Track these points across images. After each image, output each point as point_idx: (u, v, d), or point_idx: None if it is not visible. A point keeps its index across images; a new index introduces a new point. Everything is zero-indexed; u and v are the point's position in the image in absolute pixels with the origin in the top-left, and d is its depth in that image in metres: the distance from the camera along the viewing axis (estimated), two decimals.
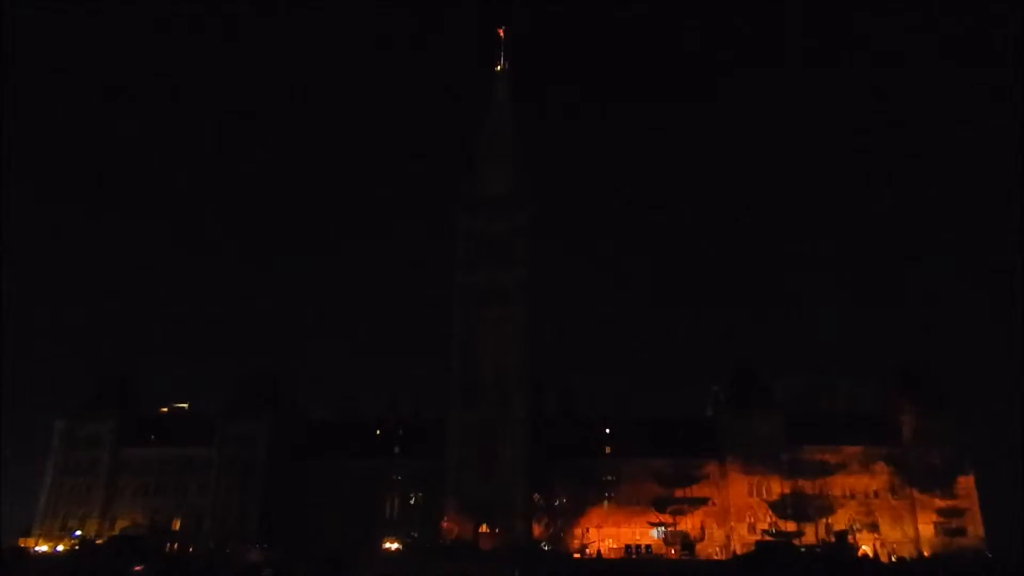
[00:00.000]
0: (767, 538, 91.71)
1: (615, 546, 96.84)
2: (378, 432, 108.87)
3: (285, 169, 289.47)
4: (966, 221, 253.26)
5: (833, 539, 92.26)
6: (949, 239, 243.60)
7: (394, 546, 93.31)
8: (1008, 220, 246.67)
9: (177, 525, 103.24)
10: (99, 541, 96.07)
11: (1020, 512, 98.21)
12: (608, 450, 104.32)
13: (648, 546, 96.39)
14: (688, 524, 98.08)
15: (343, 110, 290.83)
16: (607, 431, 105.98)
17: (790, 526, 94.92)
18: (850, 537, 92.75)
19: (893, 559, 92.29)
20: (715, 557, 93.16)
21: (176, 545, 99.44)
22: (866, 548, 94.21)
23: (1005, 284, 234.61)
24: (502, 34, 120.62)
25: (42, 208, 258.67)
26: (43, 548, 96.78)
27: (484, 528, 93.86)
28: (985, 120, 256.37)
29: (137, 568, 75.22)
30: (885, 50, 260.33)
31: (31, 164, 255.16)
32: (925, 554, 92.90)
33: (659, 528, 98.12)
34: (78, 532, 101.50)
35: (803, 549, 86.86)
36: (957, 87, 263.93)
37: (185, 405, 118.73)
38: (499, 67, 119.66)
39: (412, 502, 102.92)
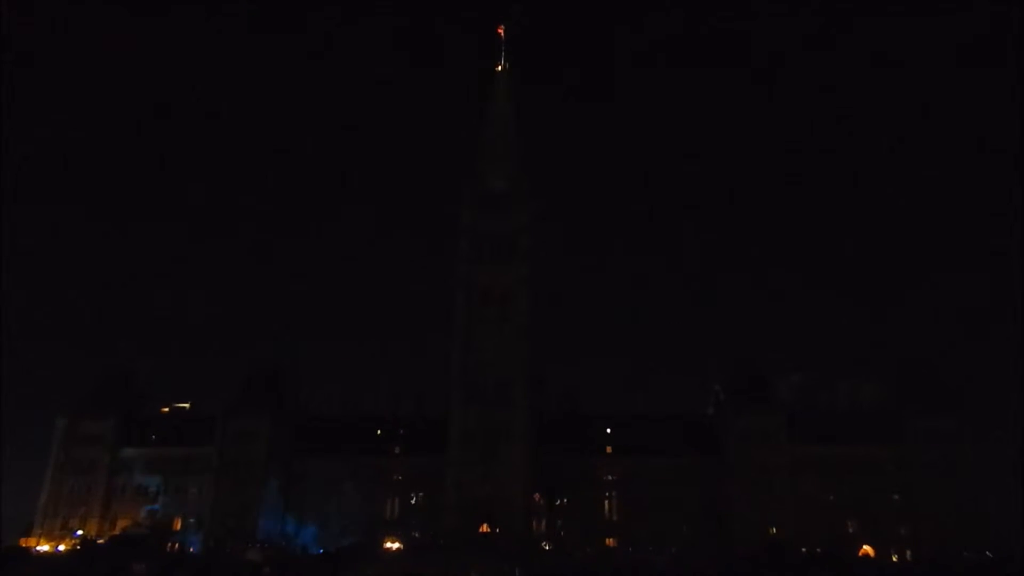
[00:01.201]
0: (767, 537, 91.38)
1: (614, 544, 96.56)
2: (379, 431, 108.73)
3: (287, 167, 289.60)
4: (967, 217, 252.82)
5: (835, 538, 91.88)
6: (951, 235, 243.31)
7: (395, 545, 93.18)
8: (1009, 214, 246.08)
9: (178, 524, 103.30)
10: (100, 541, 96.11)
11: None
12: (609, 448, 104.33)
13: (649, 544, 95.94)
14: (689, 522, 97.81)
15: (344, 108, 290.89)
16: (608, 429, 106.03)
17: (791, 525, 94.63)
18: (852, 537, 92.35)
19: (895, 558, 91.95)
20: (716, 556, 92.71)
21: (177, 544, 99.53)
22: (868, 548, 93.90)
23: (1009, 281, 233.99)
24: (502, 33, 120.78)
25: (43, 206, 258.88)
26: (44, 548, 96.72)
27: (485, 527, 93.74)
28: (987, 116, 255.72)
29: (138, 567, 75.09)
30: (882, 49, 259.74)
31: (32, 162, 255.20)
32: (927, 554, 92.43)
33: (658, 526, 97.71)
34: (79, 532, 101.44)
35: (804, 548, 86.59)
36: (957, 86, 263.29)
37: (187, 405, 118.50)
38: (499, 66, 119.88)
39: (413, 501, 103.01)
